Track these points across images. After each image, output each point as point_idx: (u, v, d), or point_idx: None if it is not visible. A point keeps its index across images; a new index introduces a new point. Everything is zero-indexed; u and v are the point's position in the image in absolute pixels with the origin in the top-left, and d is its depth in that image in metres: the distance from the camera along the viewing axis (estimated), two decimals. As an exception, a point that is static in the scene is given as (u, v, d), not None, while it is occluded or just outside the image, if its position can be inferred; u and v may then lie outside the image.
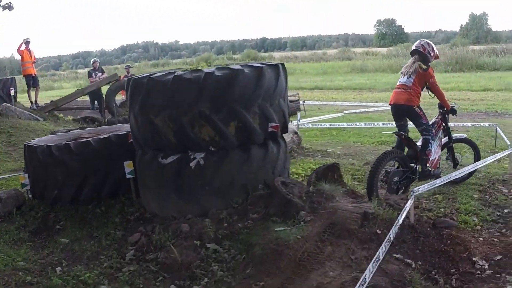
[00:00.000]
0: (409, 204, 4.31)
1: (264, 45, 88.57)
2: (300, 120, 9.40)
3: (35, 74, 13.34)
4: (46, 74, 51.01)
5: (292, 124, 8.40)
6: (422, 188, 4.75)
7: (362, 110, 12.98)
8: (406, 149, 5.88)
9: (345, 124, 9.76)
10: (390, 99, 5.91)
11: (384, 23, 71.37)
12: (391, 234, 3.65)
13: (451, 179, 5.39)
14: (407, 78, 5.65)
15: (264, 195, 4.66)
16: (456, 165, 6.32)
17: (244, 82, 4.65)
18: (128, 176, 5.46)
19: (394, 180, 5.56)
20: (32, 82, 13.02)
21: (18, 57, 12.36)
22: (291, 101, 13.19)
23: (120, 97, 14.43)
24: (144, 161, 5.15)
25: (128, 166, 5.45)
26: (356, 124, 9.35)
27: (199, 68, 4.99)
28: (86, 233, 5.04)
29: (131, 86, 5.01)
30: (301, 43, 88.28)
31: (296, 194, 4.50)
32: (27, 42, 12.77)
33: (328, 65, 32.17)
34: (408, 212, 4.38)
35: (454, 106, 6.05)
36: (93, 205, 5.54)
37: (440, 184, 5.17)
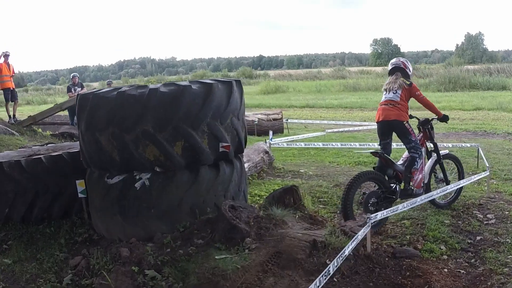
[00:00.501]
0: (363, 231, 4.00)
1: (261, 63, 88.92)
2: (273, 140, 9.12)
3: (13, 88, 13.05)
4: (42, 88, 50.87)
5: (264, 144, 8.13)
6: (381, 214, 4.45)
7: (346, 129, 12.72)
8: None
9: (320, 144, 9.47)
10: (376, 117, 5.65)
11: (380, 42, 71.81)
12: (331, 266, 3.33)
13: (425, 200, 5.12)
14: (393, 93, 5.49)
15: (211, 220, 4.36)
16: (448, 182, 6.05)
17: (191, 99, 4.39)
18: (80, 195, 5.20)
19: (371, 202, 5.27)
20: (10, 96, 12.75)
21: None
22: (274, 119, 12.99)
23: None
24: (92, 181, 4.88)
25: (80, 185, 5.18)
26: (332, 144, 9.07)
27: (147, 84, 4.74)
28: (30, 254, 4.77)
29: (79, 102, 4.77)
30: (298, 61, 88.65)
31: (243, 219, 4.19)
32: (6, 56, 12.51)
33: (322, 84, 32.03)
34: (364, 240, 4.08)
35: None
36: (44, 225, 5.30)
37: (403, 209, 4.88)
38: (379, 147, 5.74)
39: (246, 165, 7.06)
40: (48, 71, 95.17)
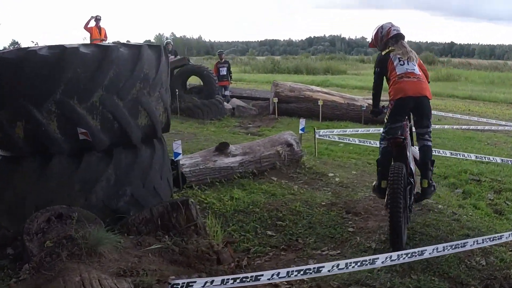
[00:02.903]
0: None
1: (452, 50, 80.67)
2: (322, 132, 7.27)
3: None
4: (226, 57, 53.98)
5: (290, 134, 6.48)
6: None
7: (470, 126, 10.06)
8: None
9: (356, 141, 7.17)
10: (398, 92, 4.16)
11: None
12: None
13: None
14: (414, 65, 4.24)
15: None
16: None
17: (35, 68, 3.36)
18: None
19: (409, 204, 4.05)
20: None
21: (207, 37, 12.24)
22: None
23: (197, 81, 13.82)
24: None
25: None
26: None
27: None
28: None
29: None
30: (490, 52, 78.02)
31: (46, 237, 3.04)
32: (97, 19, 12.69)
33: (498, 76, 26.76)
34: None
35: None
36: None
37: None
38: (387, 130, 4.27)
39: (239, 158, 5.70)
40: (239, 42, 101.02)
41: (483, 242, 3.31)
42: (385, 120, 4.30)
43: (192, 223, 3.60)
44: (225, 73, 14.41)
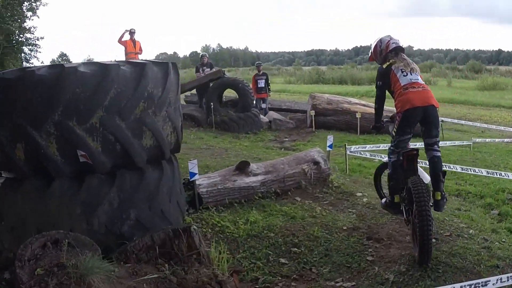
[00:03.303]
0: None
1: (499, 57, 77.22)
2: (353, 148, 6.87)
3: None
4: (271, 68, 53.91)
5: (317, 151, 6.15)
6: None
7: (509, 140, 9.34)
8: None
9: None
10: (406, 103, 4.02)
11: None
12: None
13: None
14: (416, 75, 4.15)
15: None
16: None
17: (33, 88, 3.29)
18: None
19: None
20: None
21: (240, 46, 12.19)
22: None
23: (232, 94, 13.68)
24: None
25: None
26: (451, 167, 6.12)
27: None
28: None
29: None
30: None
31: (39, 264, 2.93)
32: (131, 33, 12.77)
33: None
34: None
35: None
36: None
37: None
38: (396, 143, 4.20)
39: (261, 177, 5.47)
40: (286, 52, 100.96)
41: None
42: (393, 133, 4.19)
43: (194, 251, 3.39)
44: (263, 85, 14.24)
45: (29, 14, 30.21)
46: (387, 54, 4.27)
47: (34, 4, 29.95)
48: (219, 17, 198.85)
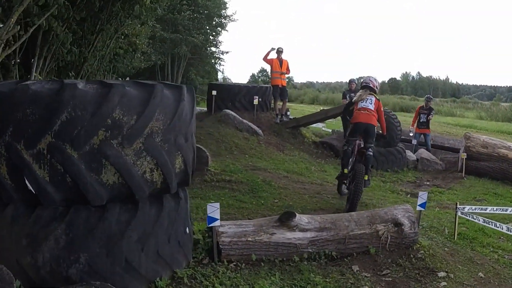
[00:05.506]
0: None
1: None
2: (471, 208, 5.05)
3: (283, 86, 12.28)
4: (469, 101, 48.76)
5: (405, 208, 4.67)
6: None
7: None
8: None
9: (504, 228, 4.57)
10: (354, 119, 6.84)
11: None
12: None
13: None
14: (369, 103, 6.75)
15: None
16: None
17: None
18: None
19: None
20: (279, 93, 12.12)
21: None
22: None
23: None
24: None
25: None
26: None
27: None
28: None
29: None
30: None
31: None
32: (278, 51, 12.06)
33: None
34: None
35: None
36: None
37: None
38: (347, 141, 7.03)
39: (311, 234, 4.42)
40: (487, 86, 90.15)
41: None
42: (346, 134, 7.32)
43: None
44: (425, 120, 12.56)
45: (218, 29, 32.97)
46: (361, 87, 7.15)
47: (224, 20, 32.59)
48: (422, 45, 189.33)
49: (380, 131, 7.08)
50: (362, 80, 7.09)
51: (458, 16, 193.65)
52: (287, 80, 13.41)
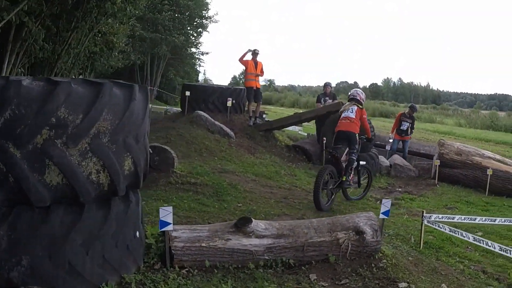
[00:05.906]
0: None
1: None
2: (434, 217, 4.98)
3: (258, 88, 12.14)
4: (449, 108, 49.41)
5: (368, 217, 4.55)
6: None
7: None
8: None
9: (470, 238, 4.55)
10: (336, 128, 7.69)
11: None
12: None
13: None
14: (350, 112, 7.56)
15: None
16: (360, 184, 7.95)
17: None
18: None
19: (330, 187, 7.16)
20: (253, 96, 11.96)
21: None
22: None
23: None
24: None
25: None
26: None
27: None
28: None
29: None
30: None
31: None
32: (254, 53, 11.95)
33: None
34: None
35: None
36: None
37: None
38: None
39: (267, 241, 4.26)
40: (468, 93, 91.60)
41: None
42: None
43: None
44: (405, 129, 12.49)
45: (199, 30, 32.77)
46: (349, 99, 8.01)
47: (205, 21, 32.34)
48: (403, 51, 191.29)
49: (363, 136, 7.80)
50: (349, 93, 8.06)
51: (441, 17, 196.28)
52: (268, 83, 13.31)
